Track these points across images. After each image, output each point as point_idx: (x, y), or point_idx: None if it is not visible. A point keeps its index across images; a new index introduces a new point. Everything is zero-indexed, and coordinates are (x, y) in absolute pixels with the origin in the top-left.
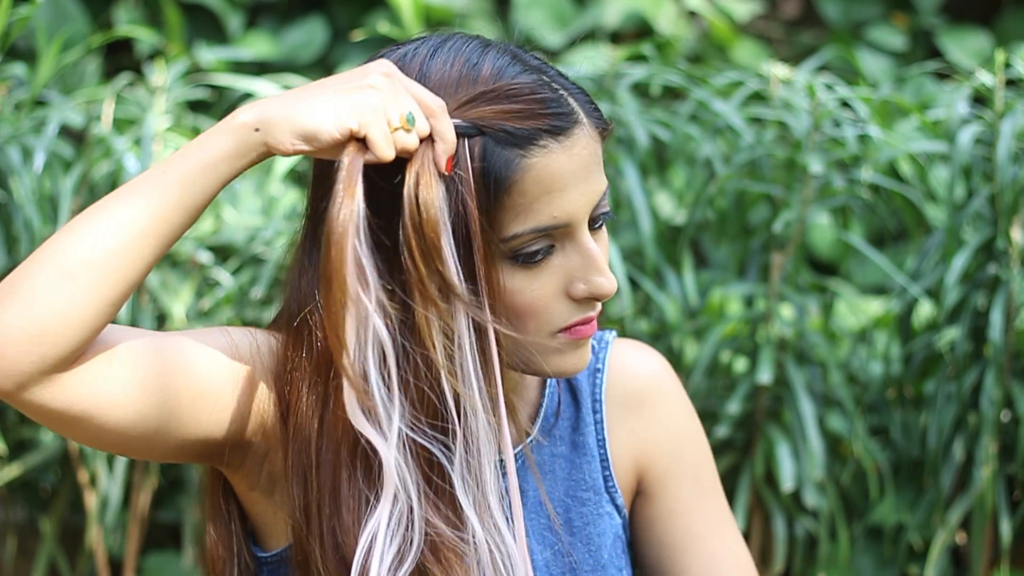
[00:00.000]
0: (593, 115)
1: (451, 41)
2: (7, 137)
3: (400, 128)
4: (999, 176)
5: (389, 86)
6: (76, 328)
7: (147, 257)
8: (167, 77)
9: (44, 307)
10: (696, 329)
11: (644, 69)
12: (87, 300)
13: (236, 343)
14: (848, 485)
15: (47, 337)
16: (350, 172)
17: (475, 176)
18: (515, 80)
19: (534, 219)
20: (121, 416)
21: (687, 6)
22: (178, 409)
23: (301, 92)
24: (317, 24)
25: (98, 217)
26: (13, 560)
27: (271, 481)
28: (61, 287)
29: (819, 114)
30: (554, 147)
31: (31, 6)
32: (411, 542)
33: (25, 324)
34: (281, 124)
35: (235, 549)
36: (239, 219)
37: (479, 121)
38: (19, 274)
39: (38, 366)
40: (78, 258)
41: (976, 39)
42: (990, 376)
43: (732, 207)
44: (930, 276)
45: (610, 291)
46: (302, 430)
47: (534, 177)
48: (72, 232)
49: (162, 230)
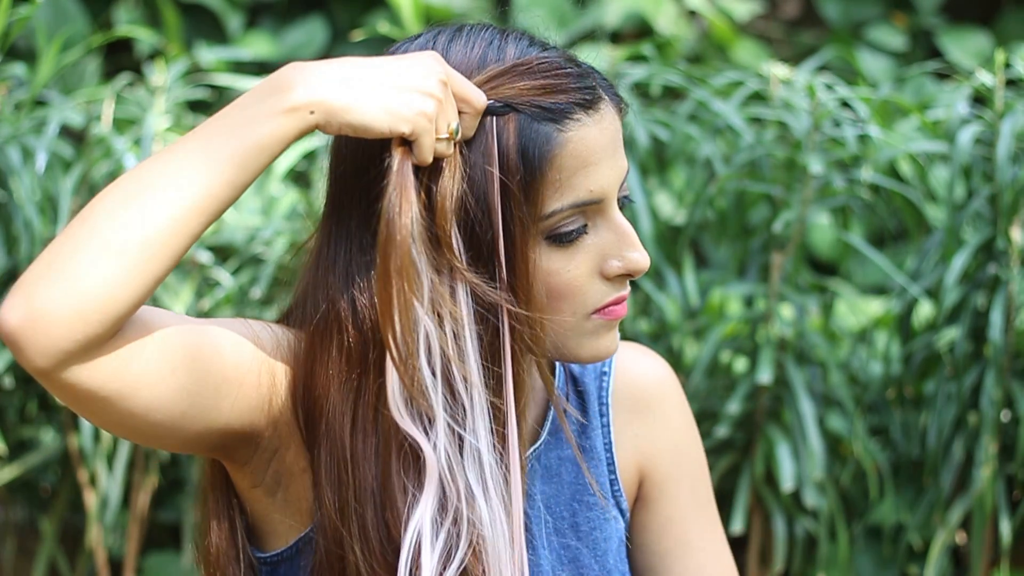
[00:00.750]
0: (610, 92)
1: (468, 28)
2: (7, 137)
3: (445, 139)
4: (999, 176)
5: (445, 96)
6: (122, 305)
7: (196, 233)
8: (167, 77)
9: (91, 284)
10: (696, 329)
11: (644, 69)
12: (136, 277)
13: (257, 334)
14: (848, 485)
15: (93, 315)
16: (401, 175)
17: (511, 154)
18: (541, 56)
19: (572, 194)
20: (150, 398)
21: (687, 6)
22: (204, 392)
23: (357, 75)
24: (317, 24)
25: (150, 193)
26: (13, 560)
27: (276, 480)
28: (110, 264)
29: (819, 114)
30: (587, 120)
31: (31, 6)
32: (457, 536)
33: (72, 301)
34: (339, 113)
35: (239, 546)
36: (239, 219)
37: (510, 99)
38: (62, 249)
39: (80, 344)
40: (128, 236)
41: (976, 39)
42: (990, 376)
43: (732, 207)
44: (930, 276)
45: (645, 266)
46: (333, 428)
47: (571, 151)
48: (121, 207)
49: (212, 207)
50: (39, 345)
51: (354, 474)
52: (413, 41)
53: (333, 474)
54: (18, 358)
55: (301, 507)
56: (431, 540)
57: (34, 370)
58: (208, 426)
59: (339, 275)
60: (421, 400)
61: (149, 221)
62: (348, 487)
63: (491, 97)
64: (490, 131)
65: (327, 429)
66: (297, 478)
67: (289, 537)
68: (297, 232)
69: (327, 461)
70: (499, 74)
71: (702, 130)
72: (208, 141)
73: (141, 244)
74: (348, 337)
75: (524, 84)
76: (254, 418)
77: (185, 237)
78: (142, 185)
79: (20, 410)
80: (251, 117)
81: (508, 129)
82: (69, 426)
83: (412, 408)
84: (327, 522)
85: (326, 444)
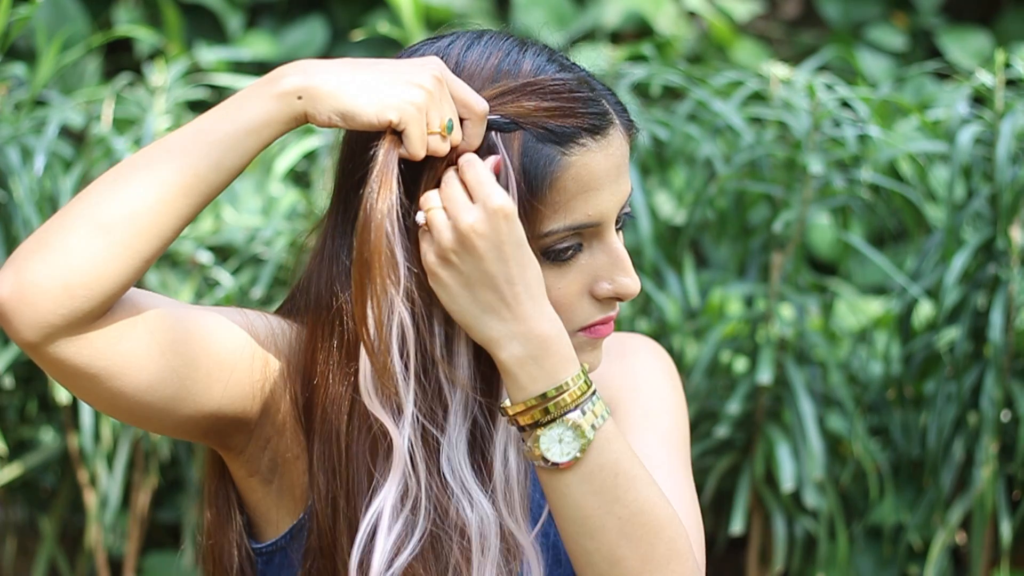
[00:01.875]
0: (623, 116)
1: (488, 36)
2: (7, 137)
3: (437, 133)
4: (999, 176)
5: (438, 90)
6: (109, 282)
7: (183, 215)
8: (167, 77)
9: (79, 259)
10: (696, 329)
11: (644, 69)
12: (122, 254)
13: (252, 322)
14: (848, 485)
15: (80, 290)
16: (385, 164)
17: (514, 172)
18: (555, 77)
19: (570, 217)
20: (140, 379)
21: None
22: (195, 376)
23: (351, 68)
24: (317, 24)
25: (137, 173)
26: (13, 560)
27: (272, 468)
28: (97, 241)
29: (819, 114)
30: (592, 146)
31: (31, 6)
32: (414, 529)
33: (59, 275)
34: (325, 98)
35: (236, 536)
36: (239, 219)
37: (518, 116)
38: (52, 226)
39: (68, 318)
40: (116, 213)
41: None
42: (990, 376)
43: (732, 207)
44: (930, 276)
45: (635, 291)
46: (329, 420)
47: (573, 175)
48: (110, 186)
49: (201, 188)
50: (27, 318)
51: (347, 464)
52: (433, 43)
53: (328, 463)
54: (7, 331)
55: (295, 494)
56: (388, 526)
57: (22, 343)
58: (199, 409)
59: (340, 268)
60: (390, 387)
61: (136, 198)
62: (341, 478)
63: (499, 113)
64: (494, 147)
65: (323, 417)
66: (291, 464)
67: (283, 526)
68: (297, 232)
69: (322, 452)
70: (510, 91)
71: (702, 130)
72: (199, 126)
73: (129, 222)
74: (347, 330)
75: (533, 104)
76: (246, 404)
77: (175, 219)
78: (133, 167)
79: (20, 410)
80: (241, 104)
81: (512, 147)
82: (69, 426)
83: (381, 394)
84: (320, 507)
85: (322, 435)
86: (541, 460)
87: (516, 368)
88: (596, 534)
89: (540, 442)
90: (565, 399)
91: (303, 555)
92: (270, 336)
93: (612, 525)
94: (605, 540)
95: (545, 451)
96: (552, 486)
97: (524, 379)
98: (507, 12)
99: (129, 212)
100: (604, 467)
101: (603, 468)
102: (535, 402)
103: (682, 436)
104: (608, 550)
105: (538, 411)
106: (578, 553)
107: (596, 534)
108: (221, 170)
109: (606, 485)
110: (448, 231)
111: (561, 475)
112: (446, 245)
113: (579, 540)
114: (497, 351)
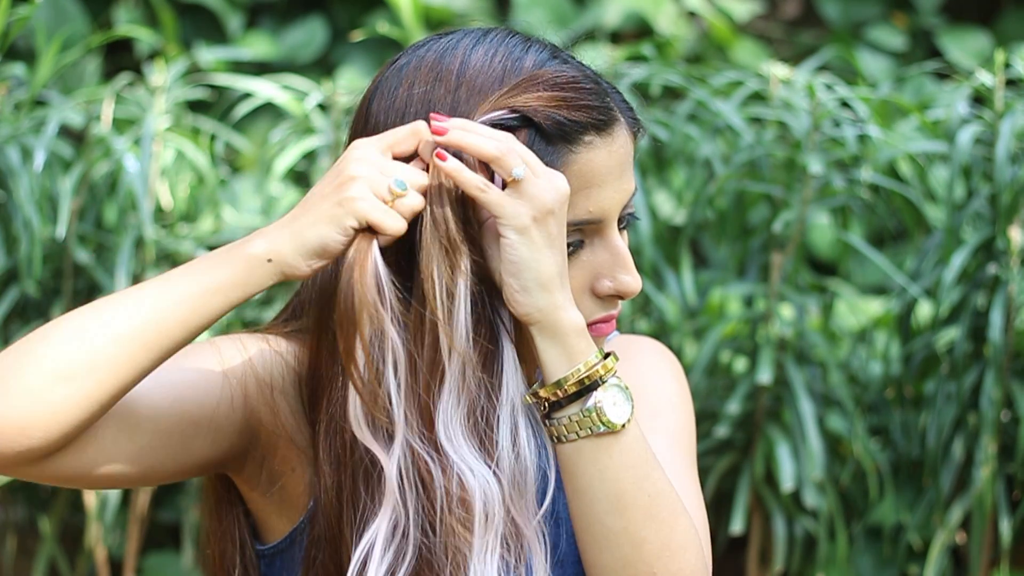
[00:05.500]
0: (628, 114)
1: (492, 34)
2: (7, 137)
3: (396, 197)
4: (998, 176)
5: (367, 167)
6: (65, 425)
7: (142, 367)
8: (167, 77)
9: (35, 404)
10: (696, 329)
11: (644, 69)
12: (80, 403)
13: (224, 358)
14: (848, 485)
15: (35, 432)
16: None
17: None
18: (560, 71)
19: (571, 212)
20: (117, 467)
21: (687, 6)
22: (170, 446)
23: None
24: (317, 24)
25: (97, 320)
26: (13, 560)
27: (271, 481)
28: (56, 388)
29: (819, 114)
30: (597, 142)
31: (30, 6)
32: (404, 555)
33: (16, 417)
34: (291, 253)
35: (240, 542)
36: (239, 219)
37: (527, 109)
38: (12, 365)
39: (24, 455)
40: (75, 360)
41: (976, 39)
42: (990, 376)
43: (732, 207)
44: (930, 276)
45: (636, 290)
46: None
47: (576, 171)
48: (71, 333)
49: (161, 342)
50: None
51: (352, 455)
52: (438, 40)
53: (332, 454)
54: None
55: (295, 503)
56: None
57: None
58: (181, 466)
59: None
60: (382, 418)
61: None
62: (347, 466)
63: (510, 106)
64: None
65: (328, 408)
66: (288, 477)
67: (284, 529)
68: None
69: (327, 441)
70: (519, 83)
71: (702, 130)
72: (168, 282)
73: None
74: None
75: (544, 95)
76: (233, 441)
77: (132, 369)
78: (97, 312)
79: None
80: (210, 264)
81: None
82: None
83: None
84: (325, 498)
85: (327, 423)
86: (600, 425)
87: (573, 335)
88: (627, 511)
89: (602, 404)
90: (610, 363)
91: (307, 546)
92: (246, 365)
93: (643, 503)
94: (633, 518)
95: (609, 410)
96: (593, 458)
97: (582, 344)
98: (507, 12)
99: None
100: (639, 438)
101: (639, 440)
102: (595, 360)
103: (689, 436)
104: (635, 529)
105: (600, 368)
106: (601, 535)
107: (627, 511)
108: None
109: (642, 458)
110: (553, 192)
111: (608, 445)
112: (550, 204)
113: (606, 520)
114: (560, 314)
